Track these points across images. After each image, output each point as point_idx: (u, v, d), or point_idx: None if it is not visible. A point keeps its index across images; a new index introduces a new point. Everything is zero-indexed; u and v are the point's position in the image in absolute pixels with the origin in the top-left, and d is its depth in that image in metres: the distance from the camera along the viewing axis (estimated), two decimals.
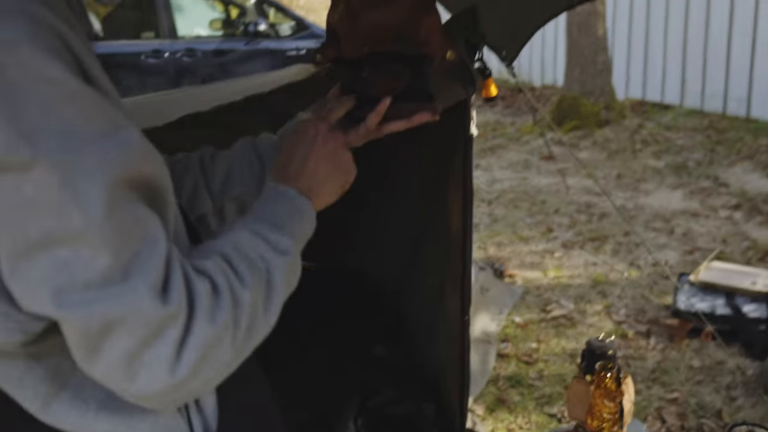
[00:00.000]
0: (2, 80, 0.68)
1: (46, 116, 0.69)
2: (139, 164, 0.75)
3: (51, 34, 0.72)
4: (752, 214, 5.83)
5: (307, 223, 1.04)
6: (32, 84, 0.69)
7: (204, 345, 0.77)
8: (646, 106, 9.78)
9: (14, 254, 0.71)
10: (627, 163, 7.33)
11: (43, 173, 0.68)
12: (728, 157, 7.39)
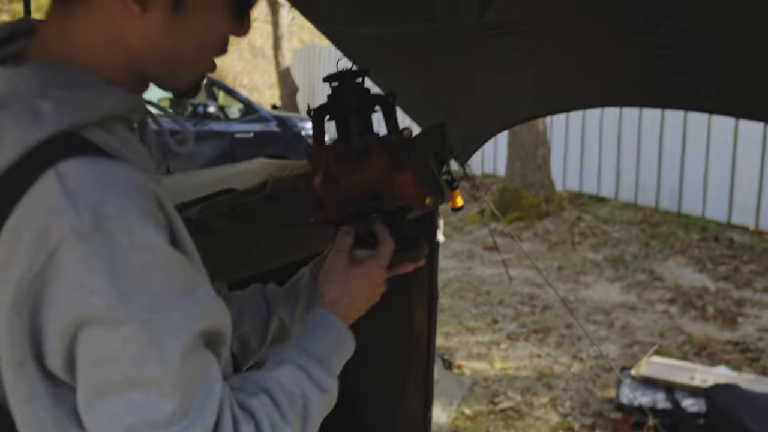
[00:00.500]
0: (111, 245, 0.77)
1: (141, 279, 0.77)
2: (212, 318, 0.84)
3: (154, 203, 0.82)
4: (687, 308, 6.06)
5: (347, 356, 1.11)
6: (135, 250, 0.78)
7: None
8: (583, 198, 10.14)
9: (92, 392, 0.79)
10: (567, 255, 7.55)
11: (133, 330, 0.77)
12: (662, 251, 7.68)
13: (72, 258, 0.76)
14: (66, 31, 0.90)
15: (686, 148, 9.16)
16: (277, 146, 10.10)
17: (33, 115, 0.81)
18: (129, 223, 0.78)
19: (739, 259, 7.37)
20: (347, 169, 1.22)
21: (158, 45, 0.91)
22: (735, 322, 5.76)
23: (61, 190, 0.77)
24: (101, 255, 0.76)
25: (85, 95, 0.85)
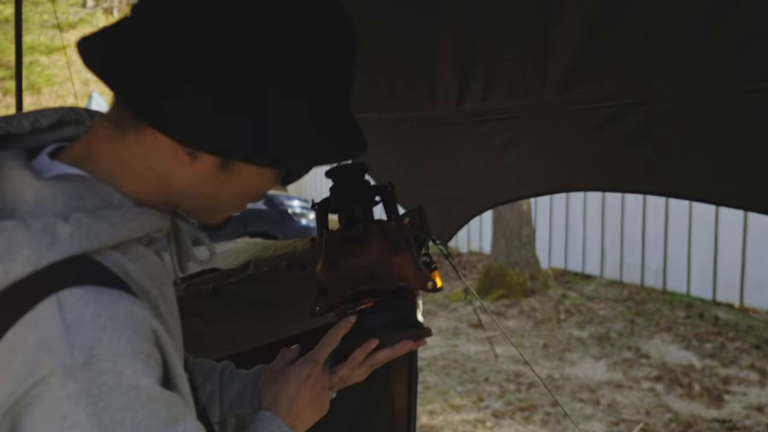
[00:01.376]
0: (97, 383, 0.78)
1: (124, 415, 0.78)
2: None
3: (150, 342, 0.84)
4: (673, 386, 6.05)
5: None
6: (121, 389, 0.79)
7: None
8: (568, 275, 10.19)
9: None
10: (552, 333, 7.56)
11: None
12: (648, 328, 7.71)
13: (58, 392, 0.77)
14: (114, 151, 0.92)
15: (669, 226, 9.27)
16: (264, 224, 10.13)
17: (50, 238, 0.83)
18: (120, 365, 0.80)
19: (724, 336, 7.40)
20: (346, 252, 1.28)
21: (200, 193, 0.94)
22: (721, 399, 5.76)
23: (59, 322, 0.79)
24: (86, 392, 0.78)
25: (109, 220, 0.87)
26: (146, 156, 0.91)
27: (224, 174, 0.93)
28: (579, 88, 1.82)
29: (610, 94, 1.78)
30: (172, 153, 0.90)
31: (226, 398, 1.29)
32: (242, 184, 0.95)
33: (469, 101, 2.18)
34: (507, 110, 2.12)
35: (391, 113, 2.48)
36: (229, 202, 0.98)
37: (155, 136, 0.89)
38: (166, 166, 0.92)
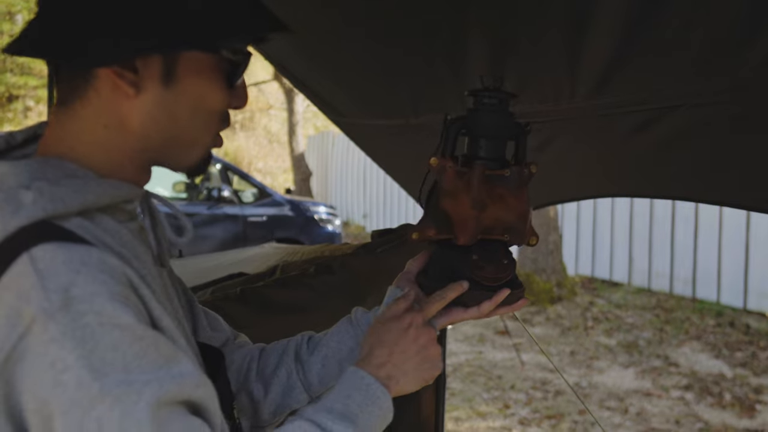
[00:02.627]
0: (80, 325, 0.78)
1: (112, 356, 0.78)
2: (189, 391, 0.83)
3: (126, 287, 0.84)
4: (703, 395, 5.97)
5: (380, 413, 1.02)
6: (104, 329, 0.79)
7: None
8: (595, 283, 10.11)
9: None
10: (580, 340, 7.50)
11: (106, 409, 0.76)
12: (677, 336, 7.62)
13: (42, 338, 0.78)
14: (66, 129, 0.94)
15: (698, 233, 9.17)
16: (290, 230, 10.19)
17: (14, 206, 0.85)
18: (98, 304, 0.80)
19: (755, 345, 7.30)
20: (499, 197, 1.17)
21: (157, 120, 0.94)
22: (753, 409, 5.67)
23: (32, 272, 0.80)
24: (71, 334, 0.78)
25: (69, 188, 0.88)
26: (97, 116, 0.93)
27: (171, 92, 0.93)
28: (611, 92, 1.80)
29: (643, 98, 1.76)
30: (119, 96, 0.92)
31: (311, 375, 1.21)
32: (193, 99, 0.95)
33: None
34: (537, 115, 2.10)
35: (418, 118, 2.46)
36: (190, 127, 0.97)
37: (97, 93, 0.92)
38: (118, 114, 0.93)
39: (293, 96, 16.44)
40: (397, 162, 2.99)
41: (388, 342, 1.08)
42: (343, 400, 1.00)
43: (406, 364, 1.07)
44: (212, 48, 0.94)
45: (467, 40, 1.99)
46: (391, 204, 15.44)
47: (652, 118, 1.80)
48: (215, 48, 0.94)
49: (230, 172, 10.84)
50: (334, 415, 0.98)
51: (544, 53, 1.84)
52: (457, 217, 1.17)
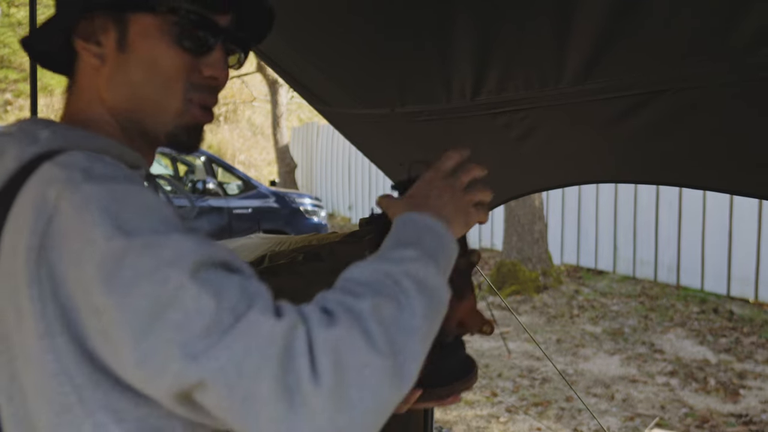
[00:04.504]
0: (105, 189, 0.81)
1: (138, 214, 0.80)
2: (224, 256, 0.81)
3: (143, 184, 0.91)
4: (688, 380, 6.02)
5: (442, 241, 0.94)
6: (129, 195, 0.82)
7: (332, 348, 0.75)
8: (581, 271, 10.15)
9: (132, 338, 0.75)
10: (566, 328, 7.54)
11: (137, 254, 0.77)
12: (662, 323, 7.67)
13: (70, 206, 0.80)
14: (69, 110, 1.04)
15: (682, 221, 9.23)
16: (276, 222, 10.18)
17: (31, 138, 0.91)
18: (119, 179, 0.84)
19: (739, 331, 7.36)
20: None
21: (119, 86, 1.00)
22: (737, 394, 5.72)
23: (53, 165, 0.85)
24: (97, 196, 0.80)
25: (82, 134, 0.95)
26: (82, 94, 1.02)
27: (125, 57, 0.99)
28: (597, 77, 1.81)
29: (629, 83, 1.77)
30: (90, 70, 1.01)
31: None
32: (147, 60, 0.99)
33: (484, 93, 2.17)
34: (523, 101, 2.10)
35: (404, 107, 2.47)
36: (150, 91, 1.00)
37: (81, 72, 1.03)
38: (94, 86, 1.01)
39: (277, 88, 16.40)
40: (382, 151, 2.99)
41: (421, 187, 1.04)
42: (395, 238, 0.93)
43: (446, 207, 1.00)
44: (149, 7, 0.99)
45: (454, 28, 1.99)
46: (376, 195, 15.46)
47: (637, 102, 1.81)
48: (152, 7, 0.99)
49: (215, 164, 10.80)
50: (390, 246, 0.91)
51: (531, 38, 1.85)
52: None
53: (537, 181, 2.62)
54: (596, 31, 1.62)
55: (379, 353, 0.77)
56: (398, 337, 0.80)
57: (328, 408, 0.74)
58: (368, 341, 0.77)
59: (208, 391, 0.75)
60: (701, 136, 1.80)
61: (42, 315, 0.80)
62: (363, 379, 0.76)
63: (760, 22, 1.39)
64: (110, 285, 0.76)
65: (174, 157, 10.66)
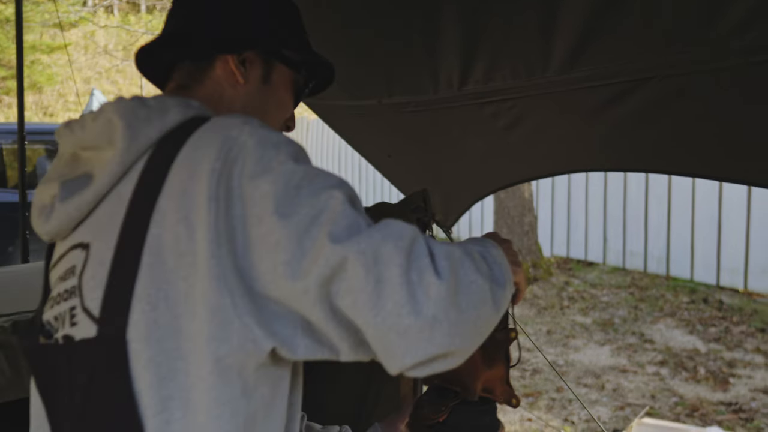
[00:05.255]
0: (278, 133, 1.02)
1: (303, 154, 1.01)
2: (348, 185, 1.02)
3: None
4: (678, 370, 6.06)
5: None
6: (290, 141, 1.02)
7: (449, 257, 0.95)
8: (570, 263, 10.18)
9: (299, 238, 0.93)
10: (556, 319, 7.56)
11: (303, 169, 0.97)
12: (651, 313, 7.71)
13: (251, 139, 0.98)
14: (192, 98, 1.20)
15: (672, 212, 9.26)
16: None
17: (186, 104, 1.10)
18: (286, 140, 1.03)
19: (729, 321, 7.40)
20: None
21: (251, 101, 1.28)
22: (727, 382, 5.76)
23: (231, 118, 1.04)
24: (271, 136, 1.00)
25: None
26: (209, 97, 1.24)
27: (265, 89, 1.30)
28: (583, 66, 1.82)
29: (615, 71, 1.78)
30: (226, 85, 1.26)
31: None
32: (276, 100, 1.32)
33: (471, 83, 2.17)
34: (511, 91, 2.11)
35: (391, 98, 2.47)
36: (271, 118, 1.31)
37: (212, 80, 1.27)
38: (222, 96, 1.26)
39: None
40: (371, 144, 2.99)
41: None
42: None
43: None
44: (292, 65, 1.33)
45: (441, 20, 1.99)
46: (366, 189, 15.44)
47: (623, 90, 1.82)
48: (294, 66, 1.34)
49: None
50: None
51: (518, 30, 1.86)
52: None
53: (526, 170, 2.63)
54: (582, 21, 1.63)
55: (482, 276, 0.99)
56: (494, 270, 1.04)
57: (444, 299, 0.92)
58: (474, 264, 0.99)
59: (347, 274, 0.91)
60: (688, 123, 1.81)
61: (215, 226, 0.95)
62: (470, 291, 0.96)
63: (744, 6, 1.40)
64: (283, 199, 0.94)
65: None
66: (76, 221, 1.08)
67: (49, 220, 1.10)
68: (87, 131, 1.11)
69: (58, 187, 1.09)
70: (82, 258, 1.06)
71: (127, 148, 1.04)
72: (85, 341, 1.01)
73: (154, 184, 1.00)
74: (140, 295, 0.97)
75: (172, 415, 0.97)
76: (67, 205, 1.07)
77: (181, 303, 0.96)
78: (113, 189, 1.05)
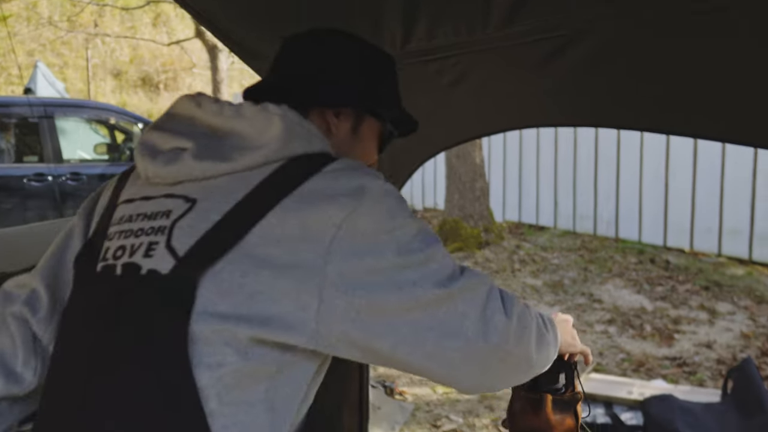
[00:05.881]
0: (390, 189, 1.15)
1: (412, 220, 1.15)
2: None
3: None
4: (625, 327, 6.21)
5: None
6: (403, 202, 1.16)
7: (516, 305, 1.21)
8: (522, 227, 10.31)
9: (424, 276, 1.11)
10: (507, 282, 7.67)
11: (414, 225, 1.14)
12: (600, 275, 7.86)
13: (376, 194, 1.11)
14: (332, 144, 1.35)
15: (620, 176, 9.42)
16: None
17: (319, 137, 1.23)
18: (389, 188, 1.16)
19: (675, 279, 7.59)
20: (524, 412, 1.63)
21: (342, 147, 1.37)
22: (672, 338, 5.92)
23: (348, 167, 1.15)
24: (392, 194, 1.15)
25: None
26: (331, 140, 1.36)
27: (354, 138, 1.41)
28: (524, 19, 1.84)
29: (555, 24, 1.81)
30: (324, 130, 1.36)
31: None
32: (363, 148, 1.43)
33: (414, 41, 2.19)
34: (453, 47, 2.13)
35: None
36: (359, 158, 1.41)
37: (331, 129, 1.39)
38: (330, 141, 1.34)
39: (217, 53, 16.15)
40: None
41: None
42: None
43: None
44: (381, 118, 1.45)
45: None
46: None
47: (564, 43, 1.85)
48: (382, 119, 1.46)
49: None
50: None
51: None
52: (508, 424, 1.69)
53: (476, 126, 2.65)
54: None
55: (537, 326, 1.27)
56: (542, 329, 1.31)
57: (512, 337, 1.17)
58: (530, 316, 1.26)
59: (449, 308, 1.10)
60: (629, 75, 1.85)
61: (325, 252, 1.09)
62: (528, 334, 1.23)
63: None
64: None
65: (111, 125, 10.46)
66: (192, 178, 1.16)
67: (166, 166, 1.18)
68: (243, 118, 1.20)
69: (193, 145, 1.18)
70: (183, 208, 1.13)
71: (277, 150, 1.15)
72: (154, 272, 1.07)
73: (284, 186, 1.10)
74: (232, 259, 1.05)
75: (225, 359, 1.04)
76: (201, 164, 1.15)
77: (267, 289, 1.05)
78: (244, 172, 1.14)
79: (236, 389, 1.05)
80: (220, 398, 1.04)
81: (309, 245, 1.04)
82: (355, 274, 1.05)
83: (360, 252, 1.05)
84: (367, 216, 1.07)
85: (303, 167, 1.13)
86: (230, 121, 1.20)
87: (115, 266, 1.12)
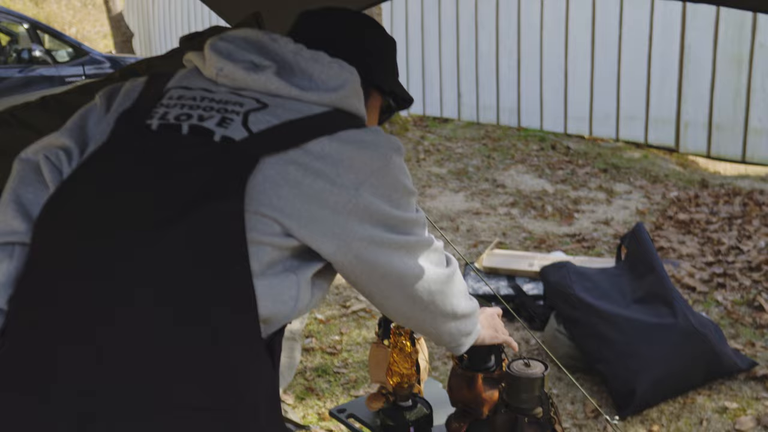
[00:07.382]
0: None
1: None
2: None
3: None
4: (527, 209, 6.35)
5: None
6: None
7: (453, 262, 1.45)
8: (427, 120, 10.34)
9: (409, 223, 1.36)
10: (413, 171, 7.72)
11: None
12: (503, 161, 7.98)
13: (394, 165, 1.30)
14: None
15: (521, 66, 9.49)
16: None
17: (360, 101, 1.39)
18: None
19: (574, 164, 7.77)
20: (459, 387, 1.87)
21: None
22: (572, 217, 6.09)
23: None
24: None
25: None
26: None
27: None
28: None
29: None
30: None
31: None
32: (369, 115, 1.52)
33: None
34: None
35: None
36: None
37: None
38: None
39: None
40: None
41: None
42: None
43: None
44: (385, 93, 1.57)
45: None
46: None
47: None
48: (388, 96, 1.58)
49: (40, 31, 10.08)
50: None
51: None
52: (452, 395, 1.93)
53: None
54: None
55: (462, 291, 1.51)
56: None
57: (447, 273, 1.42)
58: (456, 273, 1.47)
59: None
60: None
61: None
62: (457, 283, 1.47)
63: None
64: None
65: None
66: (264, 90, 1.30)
67: (248, 72, 1.31)
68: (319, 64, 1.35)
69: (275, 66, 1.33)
70: (255, 105, 1.27)
71: (339, 99, 1.32)
72: (226, 138, 1.21)
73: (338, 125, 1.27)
74: (294, 157, 1.20)
75: (266, 230, 1.18)
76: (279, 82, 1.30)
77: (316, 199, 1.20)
78: (308, 103, 1.30)
79: (269, 258, 1.19)
80: (260, 261, 1.17)
81: (351, 176, 1.22)
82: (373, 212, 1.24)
83: (382, 197, 1.25)
84: (391, 176, 1.28)
85: (354, 120, 1.32)
86: (308, 63, 1.35)
87: (180, 126, 1.25)
